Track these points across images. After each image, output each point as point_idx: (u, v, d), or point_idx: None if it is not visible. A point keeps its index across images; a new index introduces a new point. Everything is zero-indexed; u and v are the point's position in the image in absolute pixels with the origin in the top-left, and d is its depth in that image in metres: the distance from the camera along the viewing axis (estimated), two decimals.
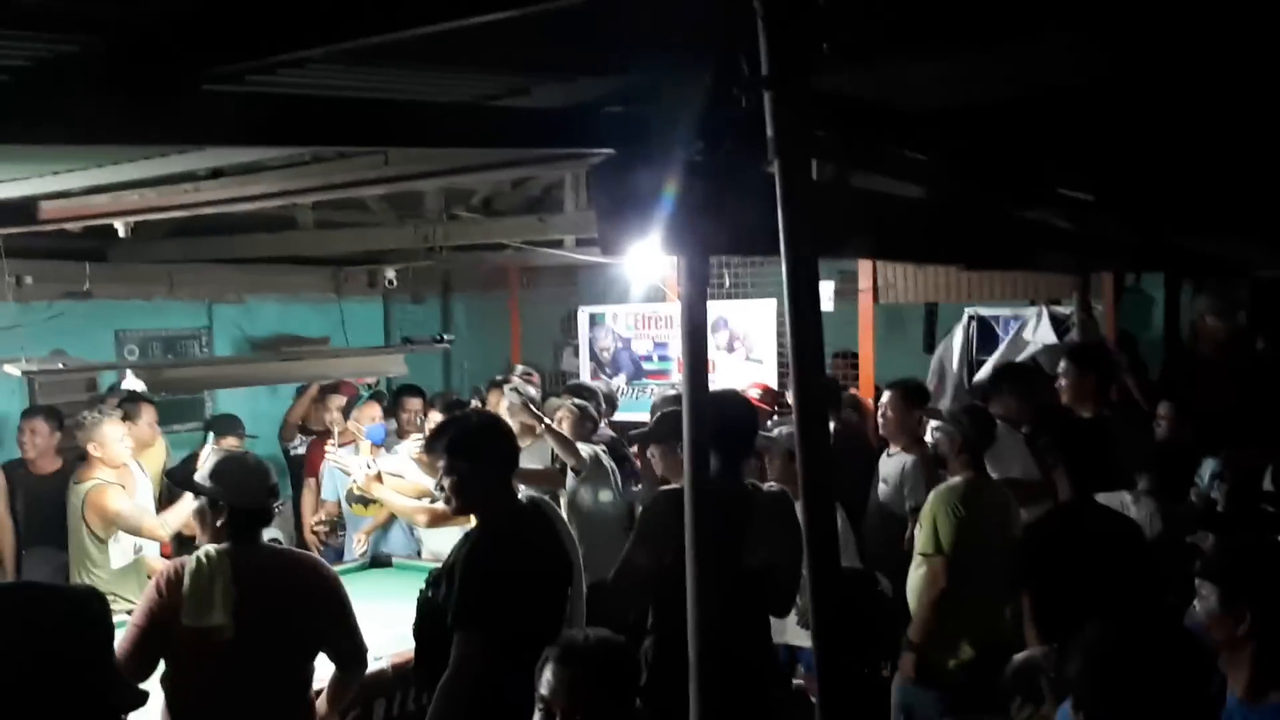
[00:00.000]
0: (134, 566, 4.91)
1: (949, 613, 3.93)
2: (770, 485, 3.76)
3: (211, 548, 3.01)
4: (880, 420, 4.97)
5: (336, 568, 5.70)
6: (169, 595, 2.92)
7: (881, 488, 4.82)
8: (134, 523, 4.81)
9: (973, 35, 2.61)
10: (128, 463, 5.10)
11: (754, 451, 3.73)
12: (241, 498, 3.05)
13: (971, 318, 6.65)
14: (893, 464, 4.83)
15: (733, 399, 3.79)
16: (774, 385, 6.32)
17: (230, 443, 5.89)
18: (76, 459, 5.10)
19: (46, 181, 3.93)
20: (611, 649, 2.36)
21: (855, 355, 6.33)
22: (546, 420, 5.27)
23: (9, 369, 4.61)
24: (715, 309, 7.01)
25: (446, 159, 3.57)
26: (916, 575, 4.03)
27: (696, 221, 2.60)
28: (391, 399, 6.75)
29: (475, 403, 6.25)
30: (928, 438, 4.48)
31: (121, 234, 4.61)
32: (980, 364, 6.45)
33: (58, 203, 4.39)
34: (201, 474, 3.13)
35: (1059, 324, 6.27)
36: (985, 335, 6.64)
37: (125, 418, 5.55)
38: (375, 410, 6.18)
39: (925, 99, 3.30)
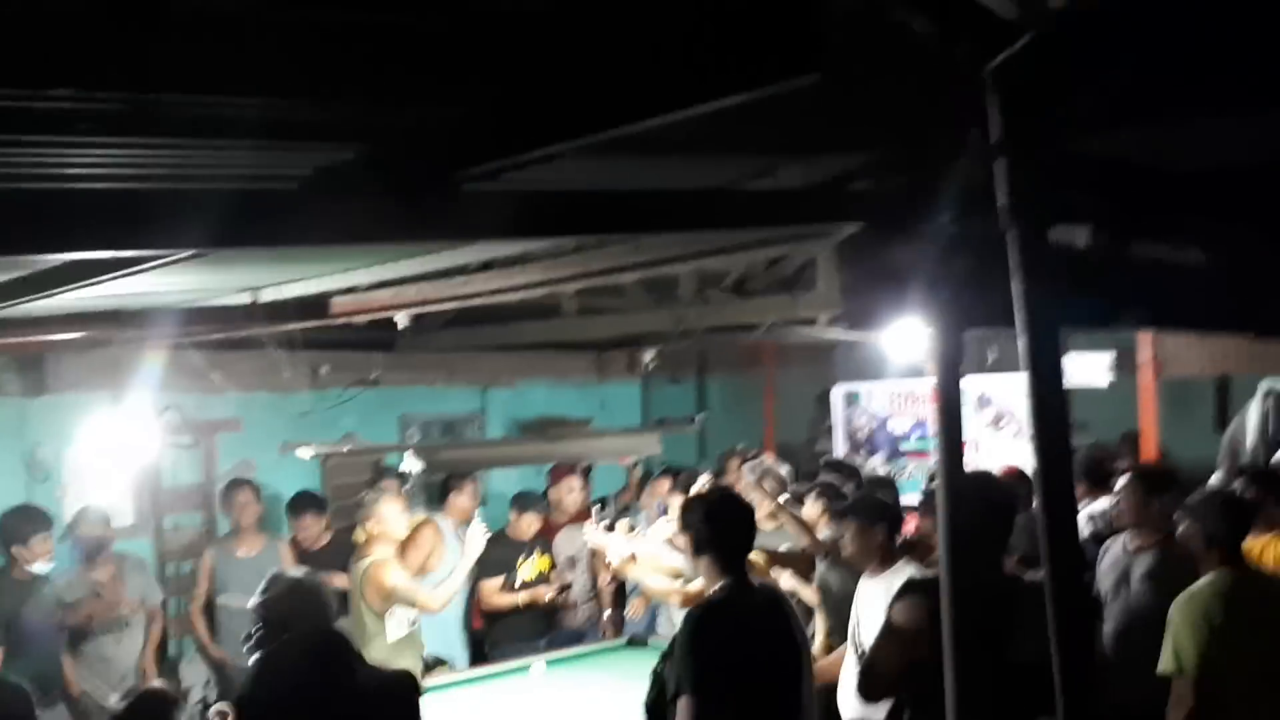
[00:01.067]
0: (409, 639, 5.18)
1: None
2: (1035, 574, 3.54)
3: None
4: (1116, 511, 4.54)
5: (593, 646, 5.89)
6: None
7: (1134, 589, 4.27)
8: (409, 596, 5.08)
9: (1254, 94, 2.42)
10: (443, 533, 5.45)
11: (1010, 538, 3.53)
12: (302, 623, 2.91)
13: (1269, 392, 6.05)
14: (1141, 561, 4.29)
15: (989, 482, 3.63)
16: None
17: (529, 518, 6.19)
18: (345, 535, 5.49)
19: (335, 279, 4.32)
20: None
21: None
22: (779, 500, 5.21)
23: (302, 452, 5.03)
24: (979, 384, 6.75)
25: (695, 242, 3.64)
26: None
27: (950, 294, 2.51)
28: (642, 480, 6.88)
29: (704, 477, 6.26)
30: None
31: (401, 326, 4.96)
32: (1279, 443, 5.85)
33: (347, 298, 4.79)
34: (261, 600, 3.05)
35: None
36: None
37: (449, 490, 6.03)
38: (665, 486, 6.31)
39: (1205, 158, 3.08)
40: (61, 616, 5.20)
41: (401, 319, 4.88)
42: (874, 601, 4.19)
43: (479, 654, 6.10)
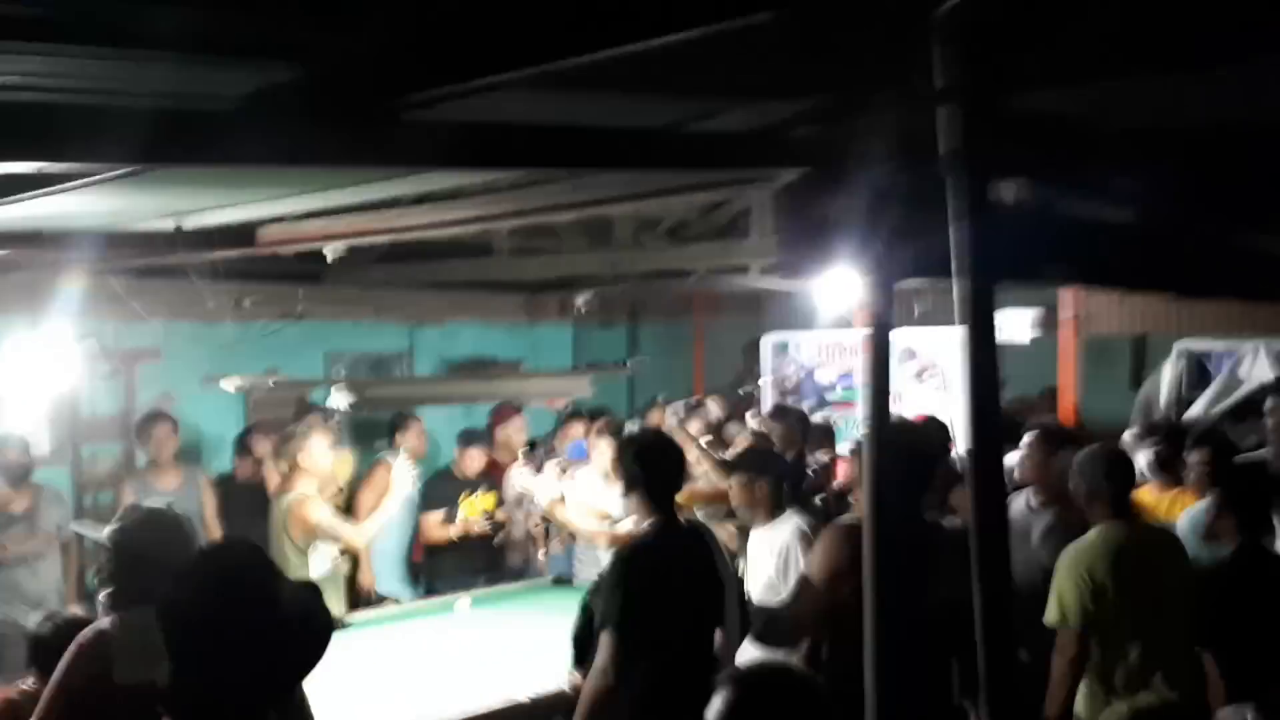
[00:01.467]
0: (332, 577, 5.16)
1: (1098, 681, 3.60)
2: (953, 520, 3.65)
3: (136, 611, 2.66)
4: (1019, 467, 4.55)
5: (519, 584, 5.93)
6: (93, 663, 2.69)
7: (1034, 545, 4.23)
8: (332, 531, 5.06)
9: (1184, 57, 2.47)
10: (394, 472, 5.45)
11: (933, 484, 3.63)
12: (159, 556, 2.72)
13: (1182, 353, 6.26)
14: (1041, 518, 4.34)
15: (912, 430, 3.73)
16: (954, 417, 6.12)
17: (474, 454, 6.17)
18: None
19: (264, 208, 4.22)
20: (790, 680, 2.28)
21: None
22: (699, 442, 5.31)
23: (225, 384, 4.94)
24: (905, 337, 6.87)
25: (633, 183, 3.63)
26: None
27: (884, 243, 2.55)
28: (559, 422, 6.88)
29: (628, 424, 6.30)
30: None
31: (330, 259, 4.88)
32: (1190, 402, 6.06)
33: (274, 228, 4.69)
34: (114, 530, 2.89)
35: None
36: (1197, 372, 6.23)
37: (396, 429, 6.05)
38: (578, 429, 6.36)
39: (1136, 119, 3.15)
40: None
41: (330, 252, 4.79)
42: (760, 552, 4.31)
43: (422, 587, 6.15)
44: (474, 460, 6.18)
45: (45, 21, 1.84)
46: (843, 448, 6.03)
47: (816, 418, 6.75)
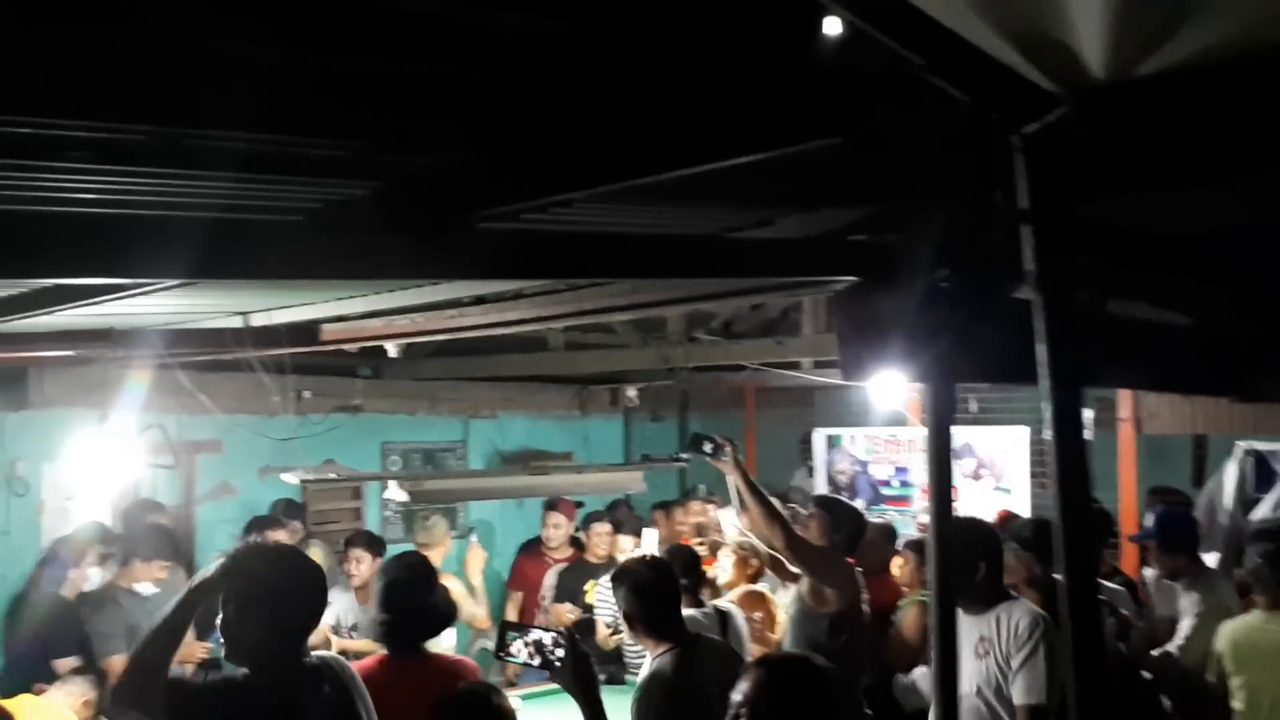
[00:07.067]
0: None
1: None
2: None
3: None
4: None
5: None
6: None
7: None
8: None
9: (1244, 159, 2.47)
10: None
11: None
12: None
13: (1247, 452, 6.14)
14: None
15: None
16: (1019, 512, 6.01)
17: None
18: None
19: (329, 307, 4.32)
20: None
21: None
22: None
23: (286, 477, 5.00)
24: (961, 435, 6.81)
25: (689, 286, 3.67)
26: None
27: (943, 349, 2.55)
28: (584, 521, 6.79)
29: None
30: None
31: (392, 354, 4.96)
32: (1255, 502, 5.92)
33: (337, 326, 4.79)
34: None
35: None
36: (1262, 472, 6.09)
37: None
38: (606, 529, 6.40)
39: (1194, 222, 3.14)
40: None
41: (391, 348, 4.88)
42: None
43: None
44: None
45: (120, 144, 1.89)
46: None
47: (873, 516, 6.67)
